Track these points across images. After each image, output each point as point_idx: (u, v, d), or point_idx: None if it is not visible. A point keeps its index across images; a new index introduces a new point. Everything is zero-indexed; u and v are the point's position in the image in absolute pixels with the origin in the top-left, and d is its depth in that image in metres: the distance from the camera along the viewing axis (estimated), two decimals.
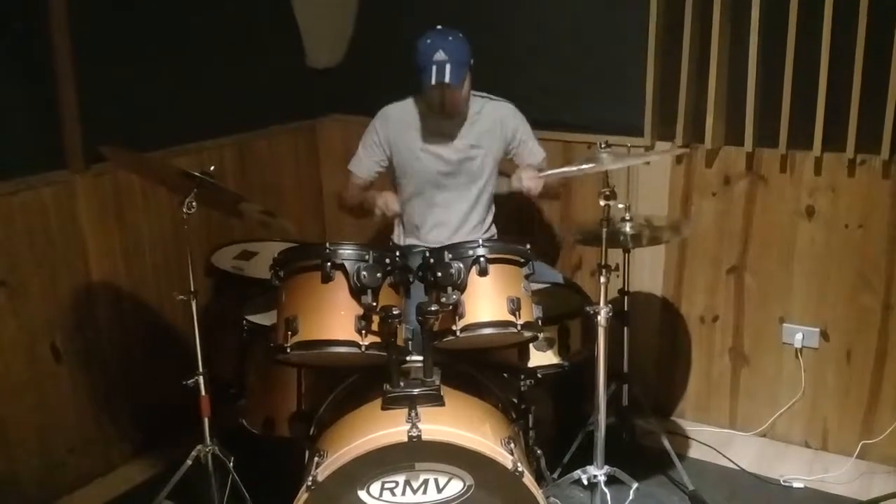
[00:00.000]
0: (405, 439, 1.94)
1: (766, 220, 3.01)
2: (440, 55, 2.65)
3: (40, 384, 2.74)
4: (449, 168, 2.88)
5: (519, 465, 1.99)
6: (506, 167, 2.98)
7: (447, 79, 2.64)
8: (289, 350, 2.11)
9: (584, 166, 2.35)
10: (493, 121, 2.91)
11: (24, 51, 2.62)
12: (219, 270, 2.87)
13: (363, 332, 2.09)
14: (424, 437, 1.94)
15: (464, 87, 2.77)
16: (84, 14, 2.70)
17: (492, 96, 2.94)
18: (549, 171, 2.76)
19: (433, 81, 2.65)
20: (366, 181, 2.95)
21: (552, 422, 2.87)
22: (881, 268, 2.84)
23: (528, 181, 2.78)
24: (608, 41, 3.10)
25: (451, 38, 2.70)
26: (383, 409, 2.09)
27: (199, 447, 2.43)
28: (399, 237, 3.04)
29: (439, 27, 2.73)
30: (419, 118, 2.88)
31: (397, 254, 2.22)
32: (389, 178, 2.99)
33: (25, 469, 2.72)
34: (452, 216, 2.93)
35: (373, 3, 3.57)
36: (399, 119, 2.90)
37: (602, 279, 2.38)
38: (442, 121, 2.85)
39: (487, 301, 2.17)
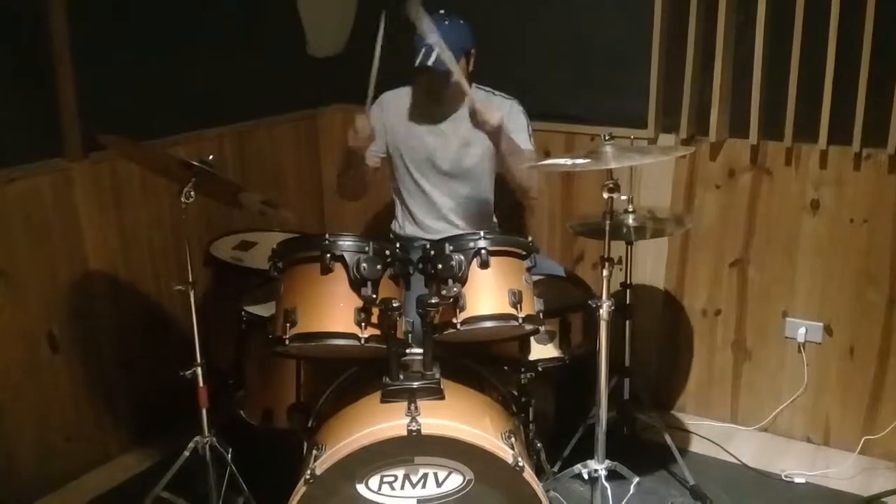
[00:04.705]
0: (404, 433, 1.92)
1: (770, 213, 2.99)
2: (431, 38, 2.63)
3: (37, 373, 2.73)
4: (443, 156, 2.85)
5: (519, 459, 1.97)
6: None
7: (430, 62, 2.63)
8: (287, 342, 2.09)
9: (582, 161, 2.32)
10: None
11: (22, 38, 2.59)
12: (217, 261, 2.85)
13: (363, 324, 2.06)
14: (424, 430, 1.93)
15: (454, 74, 2.67)
16: (82, 1, 2.67)
17: (497, 92, 2.89)
18: (550, 162, 2.73)
19: (416, 63, 2.65)
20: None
21: (553, 415, 2.86)
22: (886, 263, 2.82)
23: (485, 115, 2.58)
24: (613, 32, 3.07)
25: (447, 22, 2.67)
26: (382, 402, 2.07)
27: (196, 438, 2.42)
28: (400, 227, 3.02)
29: (441, 11, 2.71)
30: (415, 104, 2.87)
31: (397, 245, 2.19)
32: (389, 168, 2.97)
33: (22, 458, 2.71)
34: (452, 206, 2.90)
35: None
36: (395, 105, 2.89)
37: (604, 272, 2.35)
38: (435, 108, 2.84)
39: (488, 294, 2.15)
